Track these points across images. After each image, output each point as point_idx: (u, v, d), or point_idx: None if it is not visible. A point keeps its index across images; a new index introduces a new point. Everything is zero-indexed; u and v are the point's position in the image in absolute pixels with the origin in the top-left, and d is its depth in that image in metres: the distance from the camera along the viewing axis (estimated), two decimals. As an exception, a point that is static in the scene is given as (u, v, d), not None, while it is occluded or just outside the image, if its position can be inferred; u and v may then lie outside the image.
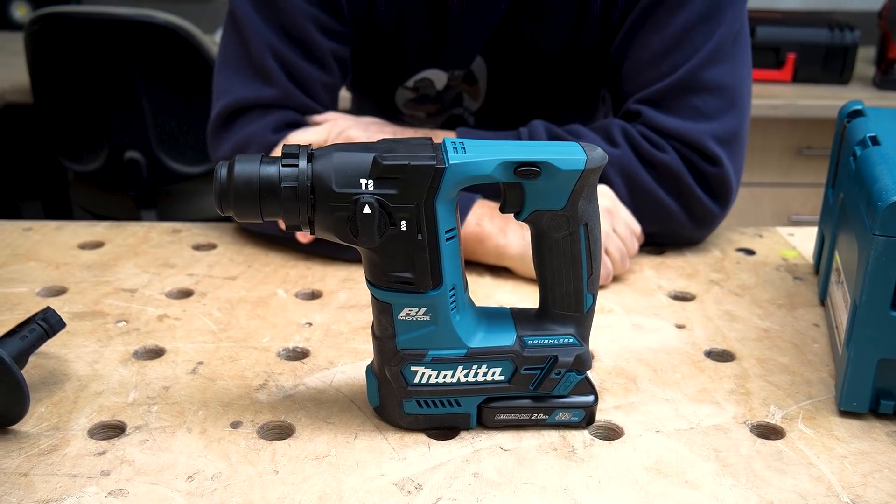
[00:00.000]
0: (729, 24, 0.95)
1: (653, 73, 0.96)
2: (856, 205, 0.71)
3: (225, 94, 1.00)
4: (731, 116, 0.95)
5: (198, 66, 1.95)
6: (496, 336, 0.64)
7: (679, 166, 0.93)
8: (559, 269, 0.63)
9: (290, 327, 0.80)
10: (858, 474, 0.61)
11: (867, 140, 0.76)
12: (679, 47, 0.95)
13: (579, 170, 0.59)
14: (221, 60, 1.02)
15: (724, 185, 0.95)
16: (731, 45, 0.96)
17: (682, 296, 0.89)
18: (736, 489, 0.60)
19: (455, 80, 1.11)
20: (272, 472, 0.60)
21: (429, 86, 1.12)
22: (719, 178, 0.94)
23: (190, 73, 1.97)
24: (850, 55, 2.23)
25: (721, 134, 0.94)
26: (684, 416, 0.68)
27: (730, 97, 0.95)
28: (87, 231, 1.01)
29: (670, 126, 0.94)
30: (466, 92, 1.13)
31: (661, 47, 0.96)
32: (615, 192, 0.92)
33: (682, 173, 0.93)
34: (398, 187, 0.58)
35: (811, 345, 0.79)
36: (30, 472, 0.60)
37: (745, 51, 0.98)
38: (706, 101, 0.94)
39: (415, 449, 0.63)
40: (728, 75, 0.95)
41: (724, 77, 0.95)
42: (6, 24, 2.69)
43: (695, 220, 0.96)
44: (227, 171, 0.59)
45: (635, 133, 0.94)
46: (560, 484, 0.60)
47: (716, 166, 0.94)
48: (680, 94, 0.95)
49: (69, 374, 0.72)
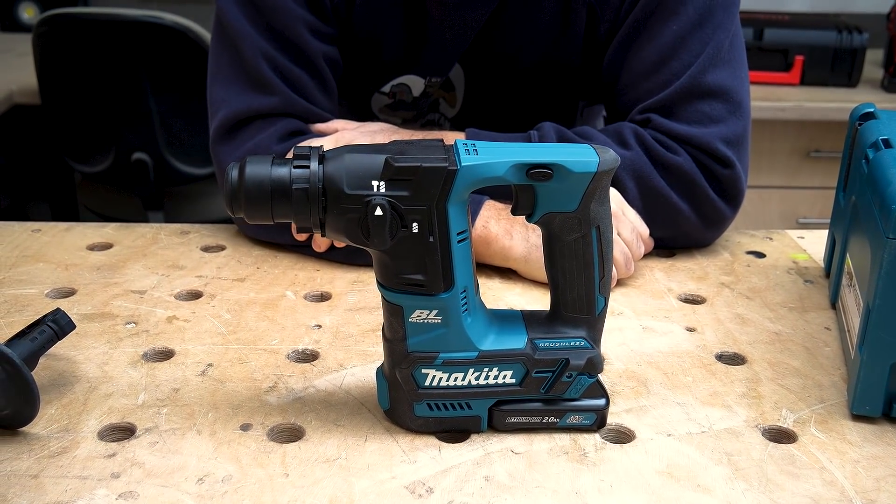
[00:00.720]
0: (724, 28, 0.95)
1: (653, 83, 0.96)
2: (868, 208, 0.71)
3: (223, 105, 0.98)
4: (737, 118, 0.95)
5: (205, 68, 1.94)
6: (507, 339, 0.64)
7: (692, 168, 0.93)
8: (571, 271, 0.63)
9: (300, 329, 0.80)
10: (871, 479, 0.61)
11: (880, 143, 0.75)
12: (676, 55, 0.95)
13: (592, 172, 0.59)
14: (214, 71, 1.01)
15: (736, 186, 0.95)
16: (727, 48, 0.96)
17: (692, 299, 0.88)
18: (748, 493, 0.59)
19: (432, 86, 1.11)
20: (282, 474, 0.60)
21: (405, 92, 1.12)
22: (731, 179, 0.94)
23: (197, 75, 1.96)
24: (859, 58, 2.23)
25: (729, 136, 0.94)
26: (696, 420, 0.68)
27: (734, 100, 0.95)
28: (96, 232, 1.01)
29: (680, 131, 0.94)
30: (443, 98, 1.13)
31: (658, 56, 0.96)
32: (627, 195, 0.92)
33: (696, 175, 0.93)
34: (410, 189, 0.58)
35: (822, 348, 0.79)
36: (40, 474, 0.60)
37: (741, 54, 0.99)
38: (711, 106, 0.95)
39: (425, 452, 0.63)
40: (729, 78, 0.95)
41: (725, 80, 0.95)
42: (14, 25, 2.69)
43: (706, 223, 0.96)
44: (239, 173, 0.58)
45: (647, 136, 0.94)
46: (571, 488, 0.60)
47: (728, 168, 0.94)
48: (685, 100, 0.95)
49: (79, 375, 0.72)
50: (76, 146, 2.18)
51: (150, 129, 2.04)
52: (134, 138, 2.06)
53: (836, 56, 2.23)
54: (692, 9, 0.94)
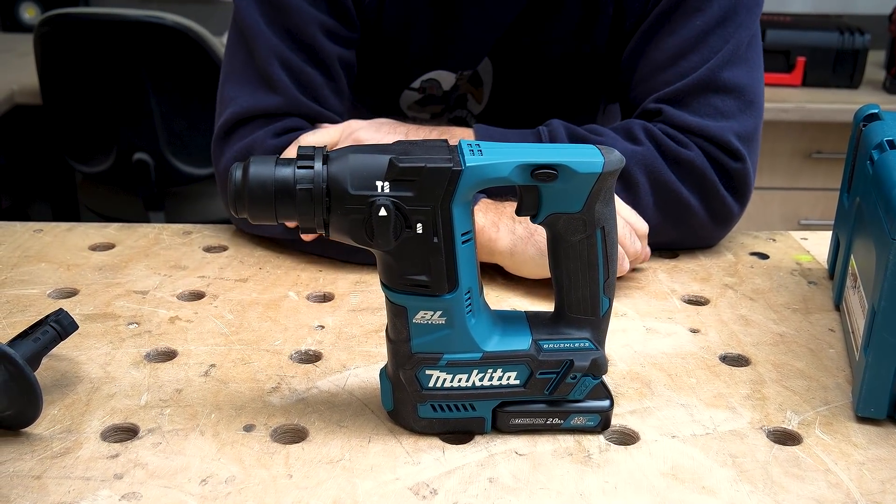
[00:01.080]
0: (746, 28, 0.96)
1: (670, 74, 0.97)
2: (874, 209, 0.71)
3: (231, 104, 0.98)
4: (749, 116, 0.95)
5: (206, 68, 1.95)
6: (511, 340, 0.63)
7: (703, 163, 0.93)
8: (575, 272, 0.63)
9: (302, 330, 0.80)
10: (877, 481, 0.61)
11: (884, 144, 0.75)
12: (697, 49, 0.95)
13: (597, 172, 0.59)
14: (228, 70, 1.01)
15: (745, 181, 0.95)
16: (746, 48, 0.96)
17: (695, 300, 0.88)
18: (753, 495, 0.59)
19: (462, 79, 1.11)
20: (286, 475, 0.60)
21: (435, 87, 1.12)
22: (741, 174, 0.95)
23: (199, 75, 1.98)
24: (861, 59, 2.23)
25: (742, 132, 0.95)
26: (700, 422, 0.67)
27: (748, 98, 0.95)
28: (98, 233, 1.01)
29: (693, 123, 0.94)
30: (471, 94, 1.13)
31: (678, 49, 0.96)
32: (639, 191, 0.92)
33: (706, 169, 0.93)
34: (414, 189, 0.57)
35: (827, 350, 0.79)
36: (43, 475, 0.59)
37: (759, 55, 0.99)
38: (725, 101, 0.95)
39: (429, 453, 0.63)
40: (746, 77, 0.96)
41: (742, 78, 0.95)
42: (15, 25, 2.69)
43: (715, 219, 0.96)
44: (242, 173, 0.58)
45: (657, 131, 0.94)
46: (576, 489, 0.59)
47: (739, 161, 0.94)
48: (700, 93, 0.95)
49: (81, 376, 0.72)
50: (77, 146, 2.18)
51: (152, 129, 2.04)
52: (135, 138, 2.06)
53: (837, 57, 2.23)
54: (717, 6, 0.95)
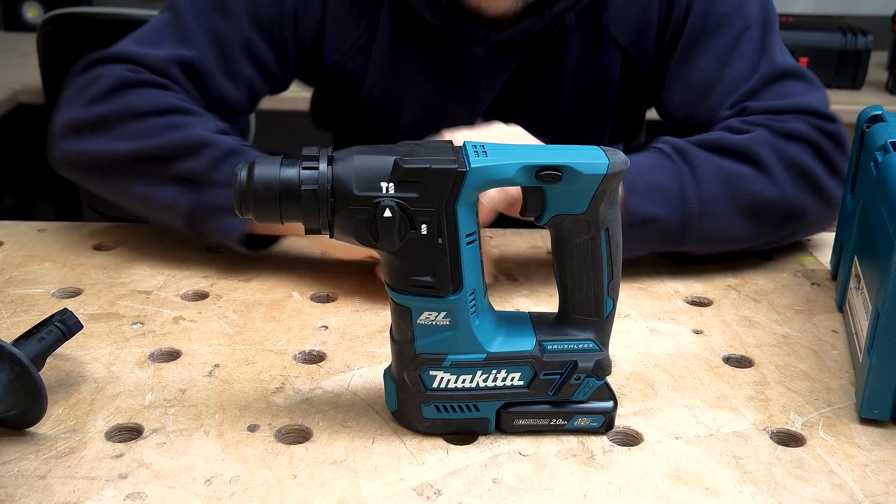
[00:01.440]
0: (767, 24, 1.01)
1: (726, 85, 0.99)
2: (877, 211, 0.71)
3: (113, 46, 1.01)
4: (819, 90, 1.00)
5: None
6: (515, 341, 0.64)
7: (810, 131, 0.93)
8: (579, 273, 0.63)
9: (306, 330, 0.80)
10: (881, 483, 0.61)
11: (888, 146, 0.75)
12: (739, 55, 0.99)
13: (601, 174, 0.59)
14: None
15: (846, 140, 0.95)
16: (772, 34, 1.01)
17: (698, 301, 0.88)
18: (757, 497, 0.59)
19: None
20: (290, 476, 0.60)
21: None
22: (842, 133, 0.95)
23: (202, 75, 1.97)
24: (863, 60, 2.22)
25: (823, 100, 0.98)
26: (704, 423, 0.67)
27: (808, 76, 1.00)
28: (102, 232, 1.01)
29: (780, 104, 0.95)
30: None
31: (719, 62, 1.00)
32: (772, 171, 0.90)
33: (815, 135, 0.93)
34: (419, 191, 0.58)
35: (830, 351, 0.79)
36: (47, 475, 0.59)
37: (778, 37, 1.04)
38: (794, 85, 0.99)
39: (433, 454, 0.63)
40: (790, 60, 1.00)
41: (791, 63, 1.00)
42: (18, 25, 2.70)
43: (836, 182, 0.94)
44: (247, 174, 0.58)
45: (757, 118, 0.95)
46: (579, 490, 0.60)
47: (835, 122, 0.96)
48: (771, 83, 0.98)
49: (86, 376, 0.72)
50: (80, 146, 2.18)
51: (154, 128, 2.04)
52: (137, 138, 2.05)
53: (840, 58, 2.23)
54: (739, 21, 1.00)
